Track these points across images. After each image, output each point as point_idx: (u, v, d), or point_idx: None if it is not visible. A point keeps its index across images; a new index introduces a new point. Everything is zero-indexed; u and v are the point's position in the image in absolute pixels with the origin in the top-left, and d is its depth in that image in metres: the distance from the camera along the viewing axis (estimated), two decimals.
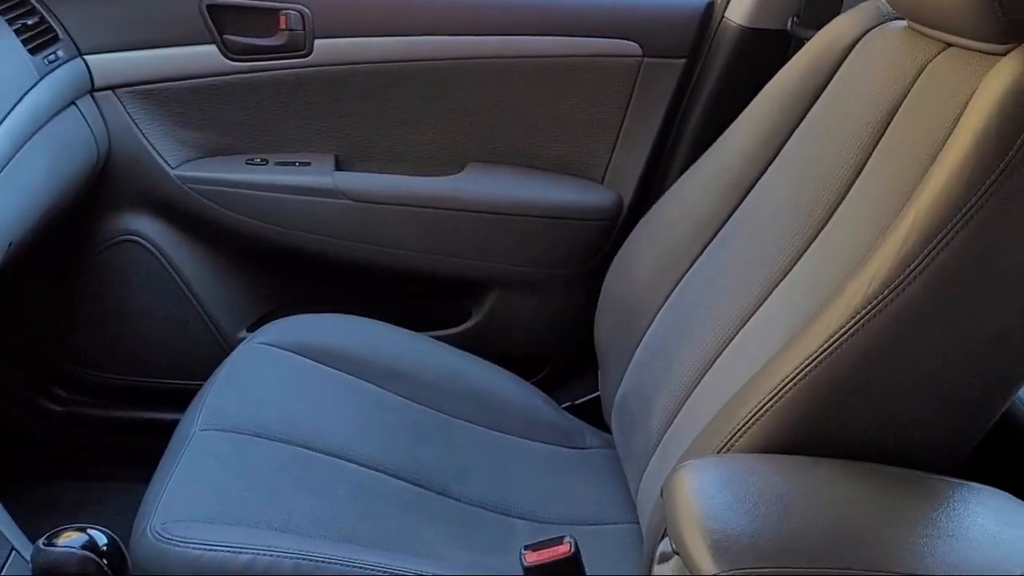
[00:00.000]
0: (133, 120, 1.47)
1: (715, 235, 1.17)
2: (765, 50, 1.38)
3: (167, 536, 0.89)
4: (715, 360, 1.02)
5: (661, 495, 0.77)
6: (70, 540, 0.71)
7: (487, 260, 1.55)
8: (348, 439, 1.14)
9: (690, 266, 1.18)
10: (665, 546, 0.77)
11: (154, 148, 1.48)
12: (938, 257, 0.76)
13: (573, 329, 1.54)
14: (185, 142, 1.50)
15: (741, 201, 1.15)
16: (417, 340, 1.40)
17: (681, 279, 1.18)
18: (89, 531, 0.71)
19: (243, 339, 1.35)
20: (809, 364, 0.79)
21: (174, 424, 1.15)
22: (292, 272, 1.59)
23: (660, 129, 1.51)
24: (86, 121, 1.37)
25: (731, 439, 0.82)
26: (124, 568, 0.72)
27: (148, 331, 1.56)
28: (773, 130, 1.14)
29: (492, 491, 1.15)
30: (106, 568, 0.70)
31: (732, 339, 1.02)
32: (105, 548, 0.71)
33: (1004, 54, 0.81)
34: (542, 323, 1.59)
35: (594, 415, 1.36)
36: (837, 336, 0.78)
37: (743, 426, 0.81)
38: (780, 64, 1.20)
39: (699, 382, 1.03)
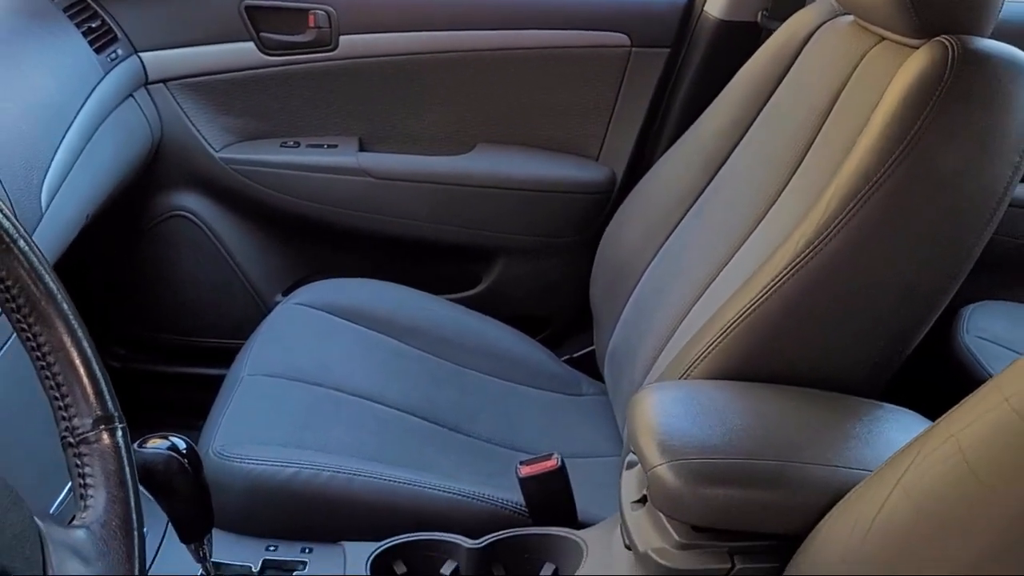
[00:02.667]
0: (182, 109, 1.53)
1: (692, 206, 1.24)
2: (738, 40, 1.42)
3: (226, 455, 1.01)
4: (687, 313, 1.11)
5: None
6: (156, 444, 0.79)
7: (494, 230, 1.60)
8: (373, 384, 1.22)
9: (670, 233, 1.25)
10: (632, 456, 0.91)
11: (200, 133, 1.55)
12: (852, 220, 0.86)
13: (572, 291, 1.58)
14: (227, 128, 1.56)
15: (714, 176, 1.23)
16: (433, 301, 1.47)
17: (662, 245, 1.25)
18: (171, 437, 0.80)
19: (279, 302, 1.42)
20: (750, 307, 0.91)
21: (219, 378, 1.23)
22: (322, 242, 1.64)
23: (648, 111, 1.56)
24: (142, 111, 1.45)
25: (689, 368, 0.94)
26: (199, 467, 0.81)
27: (196, 295, 1.63)
28: (742, 112, 1.21)
29: (498, 429, 1.24)
30: (187, 466, 0.81)
31: (701, 296, 1.10)
32: (184, 451, 0.80)
33: (918, 47, 0.91)
34: (544, 286, 1.64)
35: (590, 366, 1.43)
36: (771, 284, 0.90)
37: (698, 358, 0.93)
38: (752, 53, 1.26)
39: (674, 332, 1.11)
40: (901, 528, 0.65)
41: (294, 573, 0.93)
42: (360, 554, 0.94)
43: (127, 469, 0.53)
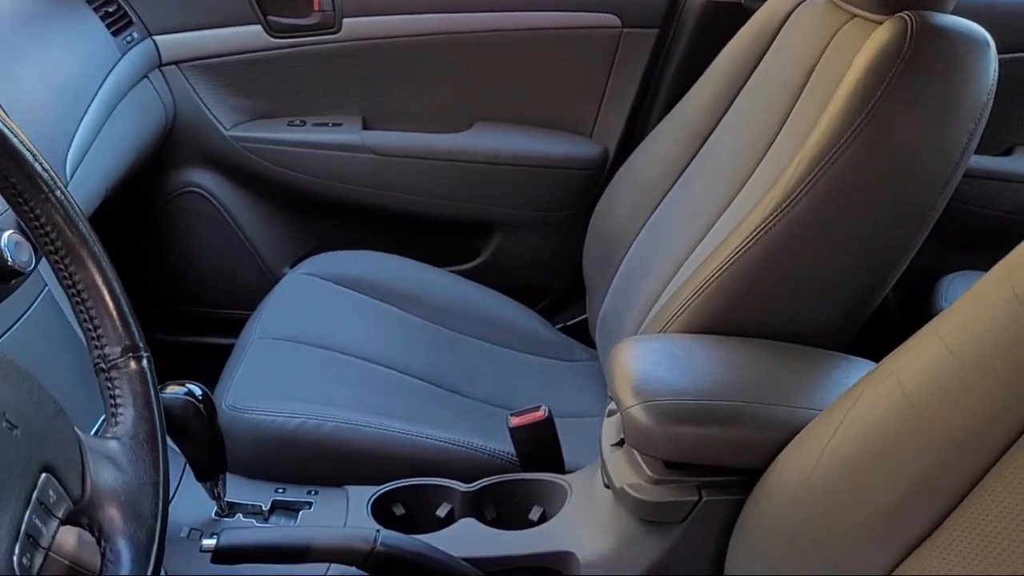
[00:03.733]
0: (194, 89, 1.58)
1: (677, 179, 1.28)
2: (724, 20, 1.44)
3: (238, 407, 1.07)
4: (671, 279, 1.15)
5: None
6: (175, 390, 0.87)
7: (492, 205, 1.64)
8: (375, 348, 1.28)
9: (657, 205, 1.29)
10: (612, 405, 0.98)
11: (211, 113, 1.59)
12: (817, 183, 0.92)
13: (566, 263, 1.62)
14: (237, 107, 1.60)
15: (699, 150, 1.27)
16: (433, 272, 1.51)
17: (650, 217, 1.30)
18: (188, 385, 0.88)
19: (286, 274, 1.46)
20: (723, 266, 0.96)
21: (230, 347, 1.27)
22: (328, 216, 1.68)
23: (638, 90, 1.60)
24: (156, 91, 1.50)
25: (667, 324, 1.00)
26: (214, 412, 0.90)
27: (208, 268, 1.67)
28: (726, 89, 1.26)
29: (494, 391, 1.29)
30: (202, 410, 0.88)
31: (684, 262, 1.15)
32: (200, 397, 0.88)
33: (881, 23, 0.97)
34: (540, 258, 1.68)
35: (583, 333, 1.48)
36: (742, 245, 0.95)
37: (675, 314, 0.99)
38: (735, 32, 1.30)
39: (659, 297, 1.15)
40: (846, 457, 0.72)
41: (301, 512, 1.00)
42: (362, 497, 1.01)
43: (152, 391, 0.60)
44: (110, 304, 0.60)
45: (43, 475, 0.50)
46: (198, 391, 0.89)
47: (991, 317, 0.66)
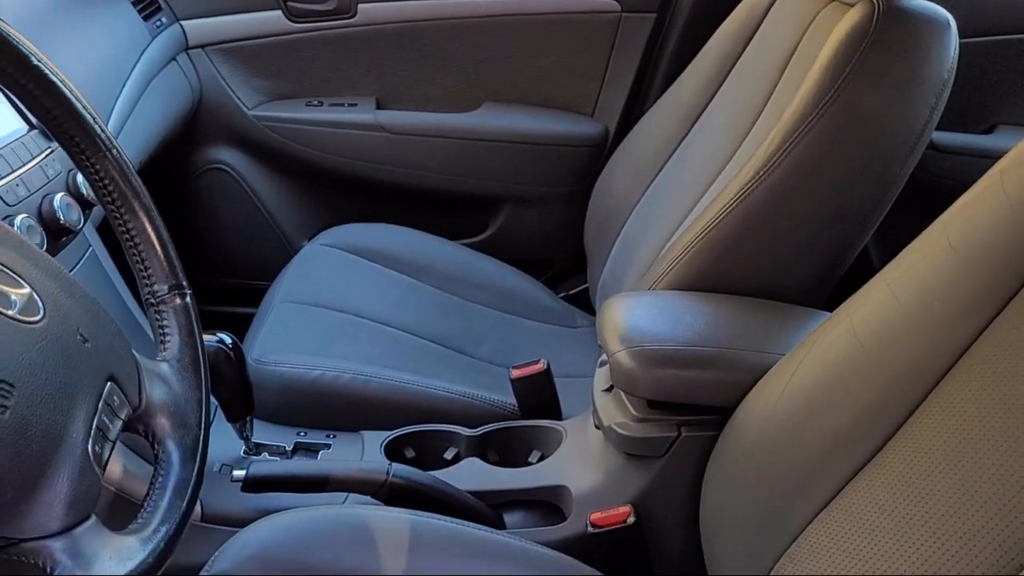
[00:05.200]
0: (219, 71, 1.65)
1: (672, 154, 1.35)
2: (716, 5, 1.47)
3: (263, 360, 1.16)
4: (664, 247, 1.21)
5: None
6: (207, 338, 0.89)
7: (499, 181, 1.71)
8: (388, 312, 1.35)
9: (653, 179, 1.37)
10: (603, 356, 1.06)
11: (235, 94, 1.66)
12: (791, 153, 0.99)
13: (569, 235, 1.67)
14: (258, 88, 1.68)
15: (692, 126, 1.34)
16: (443, 243, 1.59)
17: (646, 190, 1.37)
18: (218, 334, 0.97)
19: (304, 246, 1.52)
20: (706, 230, 1.03)
21: (250, 316, 1.34)
22: (344, 192, 1.75)
23: (637, 71, 1.65)
24: (183, 73, 1.58)
25: (655, 282, 1.07)
26: (242, 358, 0.98)
27: (231, 241, 1.75)
28: (716, 70, 1.33)
29: (498, 353, 1.36)
30: (232, 356, 0.97)
31: (676, 230, 1.21)
32: (230, 344, 0.97)
33: (853, 5, 1.03)
34: (544, 231, 1.75)
35: (585, 302, 1.54)
36: (723, 209, 1.02)
37: (663, 273, 1.07)
38: (727, 16, 1.35)
39: (652, 263, 1.20)
40: (805, 390, 0.81)
41: (320, 452, 1.09)
42: (375, 440, 1.10)
43: (194, 323, 0.70)
44: (158, 248, 0.70)
45: (108, 383, 0.59)
46: (228, 339, 0.98)
47: (929, 264, 0.74)
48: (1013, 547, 0.58)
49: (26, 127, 0.97)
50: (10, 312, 0.53)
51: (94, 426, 0.56)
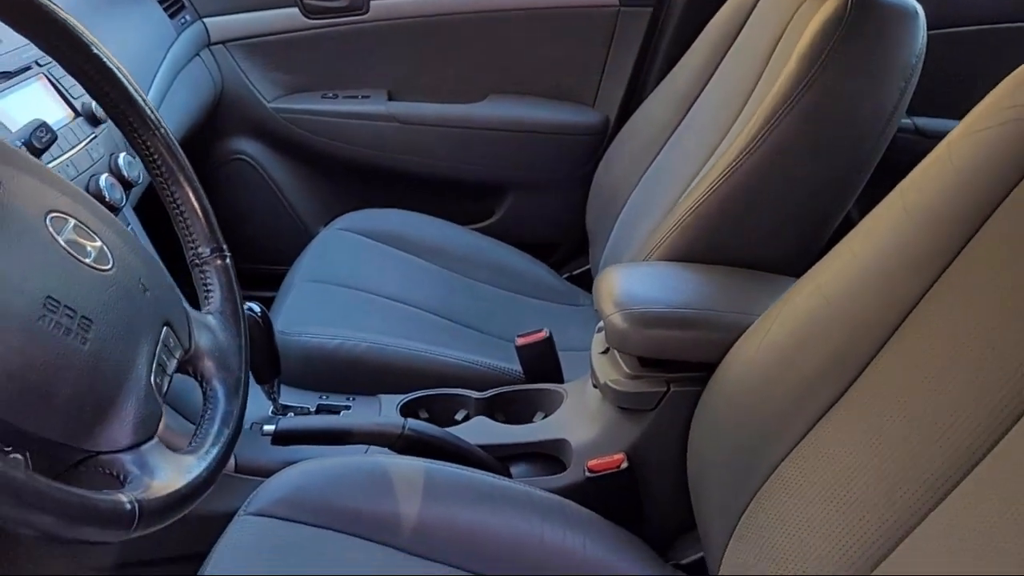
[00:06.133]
0: (239, 66, 1.73)
1: (668, 139, 1.42)
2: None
3: (286, 332, 1.25)
4: (660, 225, 1.24)
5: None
6: None
7: (505, 168, 1.78)
8: (401, 291, 1.43)
9: (651, 163, 1.43)
10: (601, 323, 1.14)
11: (255, 87, 1.74)
12: (772, 133, 1.06)
13: (573, 220, 1.72)
14: (277, 82, 1.76)
15: (687, 113, 1.41)
16: (452, 227, 1.66)
17: (644, 174, 1.44)
18: (248, 304, 1.07)
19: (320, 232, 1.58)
20: (696, 205, 1.11)
21: (270, 299, 1.38)
22: (357, 180, 1.82)
23: (635, 62, 1.72)
24: (206, 67, 1.66)
25: (649, 254, 1.15)
26: (270, 324, 1.06)
27: (252, 227, 1.83)
28: (710, 59, 1.40)
29: (506, 328, 1.42)
30: (261, 323, 1.05)
31: (671, 210, 1.25)
32: (259, 312, 1.05)
33: None
34: (548, 216, 1.82)
35: (588, 282, 1.50)
36: (711, 186, 1.10)
37: (656, 246, 1.14)
38: (718, 9, 1.42)
39: (647, 239, 1.25)
40: (778, 345, 0.89)
41: (341, 413, 1.18)
42: (392, 403, 1.18)
43: (234, 280, 0.79)
44: (201, 215, 0.80)
45: (165, 328, 0.69)
46: (257, 308, 1.07)
47: (886, 226, 0.83)
48: (950, 468, 0.67)
49: (72, 114, 1.07)
50: (87, 260, 0.62)
51: (155, 362, 0.66)
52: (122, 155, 1.06)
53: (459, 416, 1.20)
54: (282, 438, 1.03)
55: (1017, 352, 0.66)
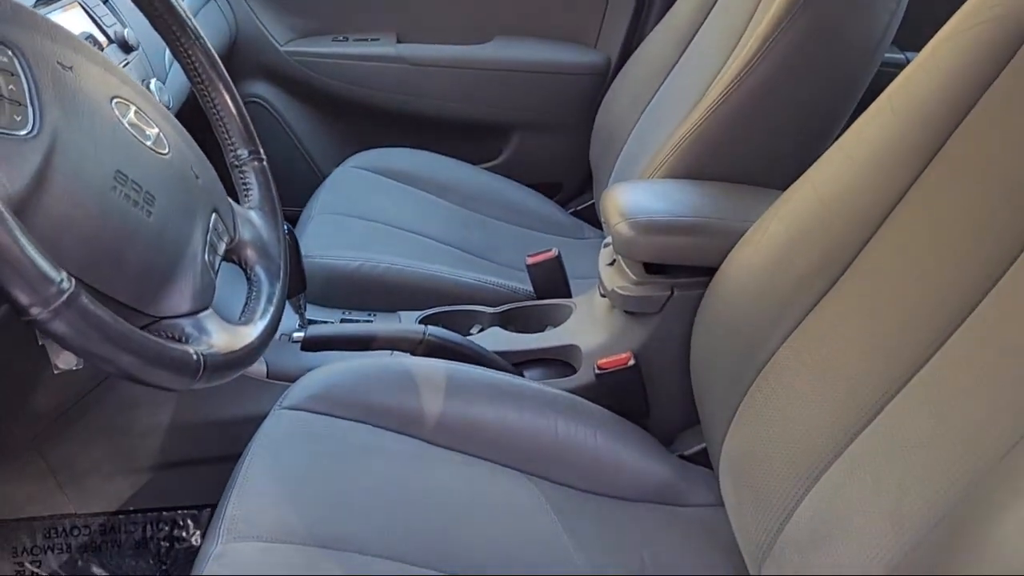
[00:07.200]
0: (253, 11, 1.79)
1: (669, 73, 1.48)
2: None
3: (309, 255, 1.30)
4: (662, 147, 1.29)
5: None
6: None
7: (511, 108, 1.83)
8: (416, 224, 1.49)
9: (650, 100, 1.50)
10: (607, 238, 1.21)
11: (268, 31, 1.79)
12: (766, 57, 1.11)
13: (577, 157, 1.78)
14: (290, 26, 1.80)
15: (685, 50, 1.47)
16: (463, 166, 1.73)
17: (644, 109, 1.50)
18: None
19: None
20: (696, 125, 1.16)
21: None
22: (368, 121, 1.87)
23: (636, 4, 1.77)
24: (221, 12, 1.71)
25: (652, 172, 1.21)
26: (296, 243, 1.11)
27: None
28: None
29: (516, 259, 1.47)
30: (288, 239, 1.15)
31: (670, 141, 1.29)
32: (286, 230, 1.13)
33: None
34: (554, 154, 1.87)
35: (592, 217, 1.65)
36: (710, 107, 1.15)
37: (659, 166, 1.20)
38: None
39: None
40: (775, 243, 0.96)
41: (363, 321, 1.25)
42: (410, 318, 1.26)
43: (270, 180, 0.86)
44: (238, 120, 0.86)
45: (213, 214, 0.75)
46: (285, 226, 1.14)
47: (876, 125, 0.89)
48: (933, 338, 0.74)
49: (106, 41, 1.13)
50: (148, 143, 0.69)
51: (207, 241, 0.72)
52: (153, 80, 1.12)
53: (474, 331, 1.26)
54: (311, 344, 1.10)
55: (993, 226, 0.73)
